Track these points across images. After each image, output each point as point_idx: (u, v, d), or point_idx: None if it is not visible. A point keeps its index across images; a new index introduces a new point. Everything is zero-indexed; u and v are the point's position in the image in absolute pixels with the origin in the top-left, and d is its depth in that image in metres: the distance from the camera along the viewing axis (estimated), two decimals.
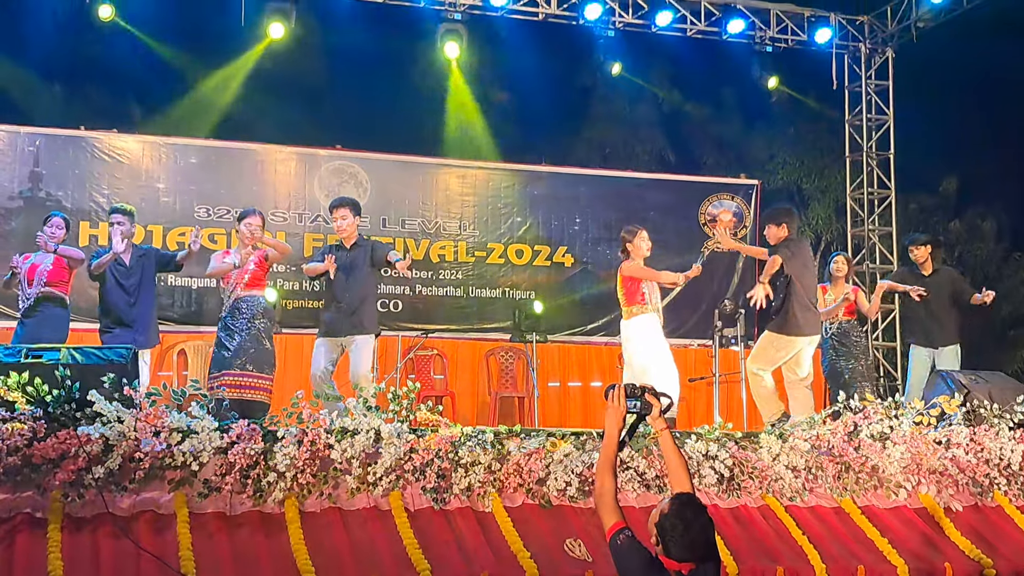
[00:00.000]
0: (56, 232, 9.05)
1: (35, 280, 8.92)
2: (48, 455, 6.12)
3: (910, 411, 8.12)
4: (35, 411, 6.29)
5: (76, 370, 6.64)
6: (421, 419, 6.96)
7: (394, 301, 13.14)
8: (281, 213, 12.98)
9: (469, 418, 11.44)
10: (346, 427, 6.71)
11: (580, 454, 7.06)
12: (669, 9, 13.86)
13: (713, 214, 14.42)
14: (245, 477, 6.43)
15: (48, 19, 14.71)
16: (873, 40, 14.92)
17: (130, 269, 9.08)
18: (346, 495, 6.61)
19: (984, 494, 8.08)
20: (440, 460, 6.78)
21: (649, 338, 9.00)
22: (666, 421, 4.72)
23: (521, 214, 13.95)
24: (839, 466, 7.75)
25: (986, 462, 8.09)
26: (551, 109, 19.67)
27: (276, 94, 17.23)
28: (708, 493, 7.29)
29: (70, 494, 6.09)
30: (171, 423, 6.42)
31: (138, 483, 6.26)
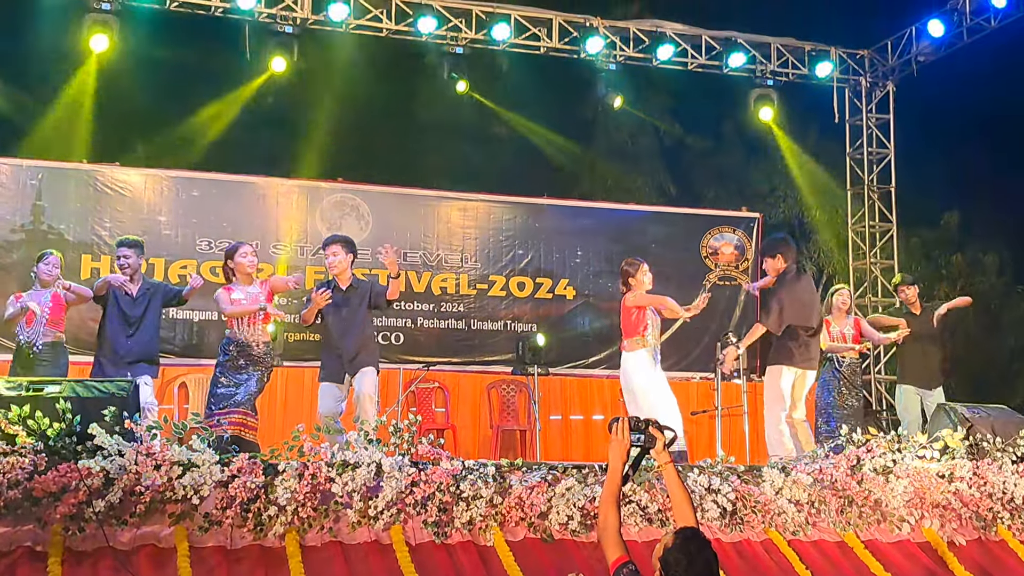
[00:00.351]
0: (52, 270, 9.05)
1: (35, 321, 8.86)
2: (49, 488, 6.10)
3: (913, 445, 8.09)
4: (36, 444, 6.27)
5: (77, 403, 6.63)
6: (422, 452, 6.93)
7: (395, 334, 13.13)
8: (282, 246, 13.00)
9: (471, 451, 11.41)
10: (347, 460, 6.69)
11: (582, 488, 7.03)
12: (670, 43, 13.94)
13: (715, 247, 14.43)
14: (246, 511, 6.40)
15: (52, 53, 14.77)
16: (874, 74, 14.98)
17: (135, 300, 9.05)
18: (347, 529, 6.58)
19: (988, 528, 8.04)
20: (441, 494, 6.75)
21: (646, 373, 8.97)
22: (670, 455, 4.71)
23: (523, 247, 13.96)
24: (842, 500, 7.72)
25: (989, 496, 8.05)
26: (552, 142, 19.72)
27: (278, 127, 17.31)
28: (711, 527, 7.26)
29: (71, 528, 6.07)
30: (172, 456, 6.40)
31: (139, 517, 6.24)
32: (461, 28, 13.26)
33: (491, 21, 13.34)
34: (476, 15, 13.37)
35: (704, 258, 14.39)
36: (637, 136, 20.17)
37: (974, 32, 13.59)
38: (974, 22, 13.46)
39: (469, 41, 13.36)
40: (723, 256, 14.42)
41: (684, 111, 19.62)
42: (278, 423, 10.51)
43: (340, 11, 12.76)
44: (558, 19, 13.67)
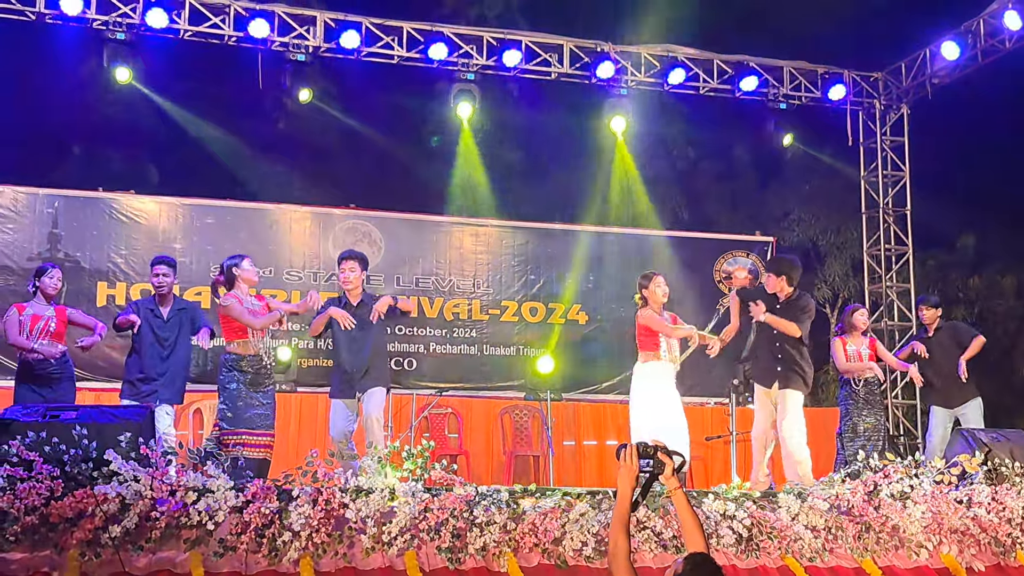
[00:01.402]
0: (57, 283, 9.09)
1: (35, 332, 8.84)
2: (65, 514, 6.12)
3: (931, 470, 8.05)
4: (53, 470, 6.29)
5: (93, 429, 6.65)
6: (435, 478, 6.92)
7: (408, 359, 13.15)
8: (296, 272, 13.06)
9: (484, 477, 11.40)
10: (361, 486, 6.69)
11: (596, 513, 7.01)
12: (681, 67, 13.95)
13: (728, 271, 14.43)
14: (260, 536, 6.40)
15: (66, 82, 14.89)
16: (888, 96, 14.97)
17: (167, 322, 9.07)
18: (361, 555, 6.57)
19: (1007, 553, 7.97)
20: (455, 519, 6.74)
21: (654, 385, 8.92)
22: (680, 480, 4.69)
23: (535, 272, 14.00)
24: (859, 526, 7.67)
25: (1008, 521, 7.98)
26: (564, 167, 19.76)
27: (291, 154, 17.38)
28: (726, 554, 7.22)
29: (87, 553, 6.08)
30: (187, 482, 6.41)
31: (154, 542, 6.24)
32: (472, 54, 13.31)
33: (502, 47, 13.39)
34: (487, 41, 13.42)
35: (718, 282, 14.40)
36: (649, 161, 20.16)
37: (989, 54, 13.55)
38: (989, 44, 13.42)
39: (480, 67, 13.41)
40: (737, 280, 14.41)
41: (696, 135, 19.62)
42: (291, 448, 10.54)
43: (352, 39, 12.84)
44: (569, 44, 13.70)
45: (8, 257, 12.19)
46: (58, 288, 9.16)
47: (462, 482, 6.96)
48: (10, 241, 12.24)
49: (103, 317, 11.77)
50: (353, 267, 8.85)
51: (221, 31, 12.60)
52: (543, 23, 14.48)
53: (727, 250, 14.68)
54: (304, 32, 12.81)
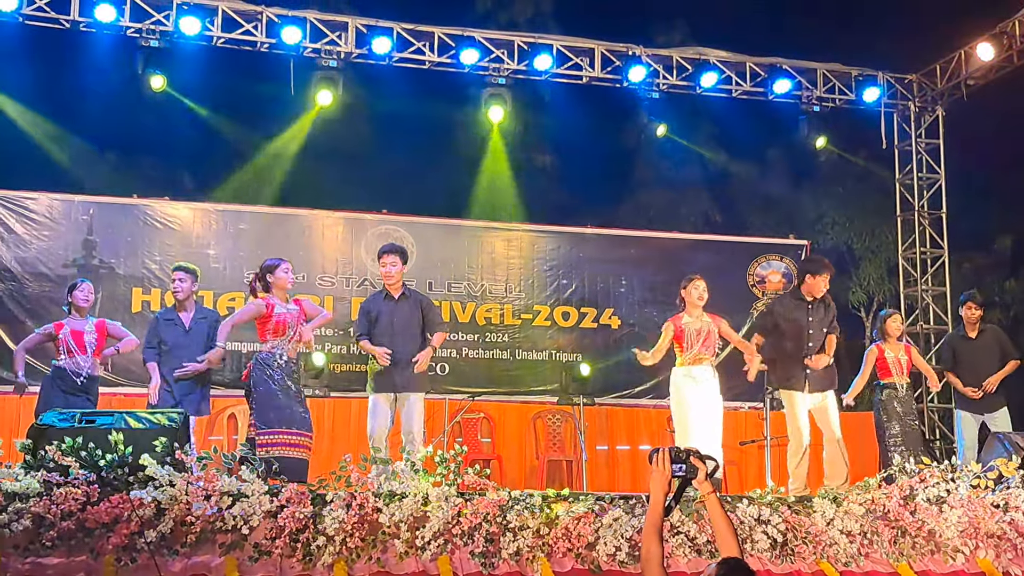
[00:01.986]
0: (89, 296, 9.15)
1: (85, 348, 8.93)
2: (101, 519, 6.17)
3: (967, 474, 7.98)
4: (88, 475, 6.34)
5: (129, 434, 6.70)
6: (468, 483, 6.93)
7: (440, 364, 13.15)
8: (328, 278, 13.10)
9: (517, 482, 11.38)
10: (394, 491, 6.71)
11: (630, 518, 7.00)
12: (714, 70, 13.88)
13: (762, 275, 14.36)
14: (295, 541, 6.43)
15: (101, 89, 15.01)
16: (922, 98, 14.86)
17: (189, 331, 9.13)
18: (395, 559, 6.59)
19: None
20: (488, 524, 6.74)
21: (683, 392, 9.01)
22: (713, 484, 4.67)
23: (567, 276, 13.97)
24: (895, 531, 7.62)
25: None
26: (596, 171, 19.75)
27: (323, 160, 17.44)
28: (761, 559, 7.19)
29: (123, 558, 6.13)
30: (222, 487, 6.45)
31: (190, 547, 6.29)
32: (503, 59, 13.32)
33: (533, 51, 13.39)
34: (518, 45, 13.41)
35: (751, 286, 14.33)
36: (681, 164, 20.11)
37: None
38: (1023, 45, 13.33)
39: (511, 72, 13.41)
40: (771, 284, 14.36)
41: (728, 138, 19.55)
42: (325, 453, 10.56)
43: (383, 45, 12.87)
44: (600, 48, 13.67)
45: (44, 264, 12.27)
46: (90, 301, 9.21)
47: (495, 487, 6.96)
48: (46, 248, 12.32)
49: (138, 323, 11.91)
50: (395, 261, 8.95)
51: (254, 38, 12.66)
52: (574, 27, 14.48)
53: (760, 254, 14.60)
54: (336, 38, 12.85)
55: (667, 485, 4.56)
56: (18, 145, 15.70)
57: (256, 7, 12.62)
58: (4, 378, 11.78)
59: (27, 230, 12.29)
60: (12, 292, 12.10)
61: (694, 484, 4.64)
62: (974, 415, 10.44)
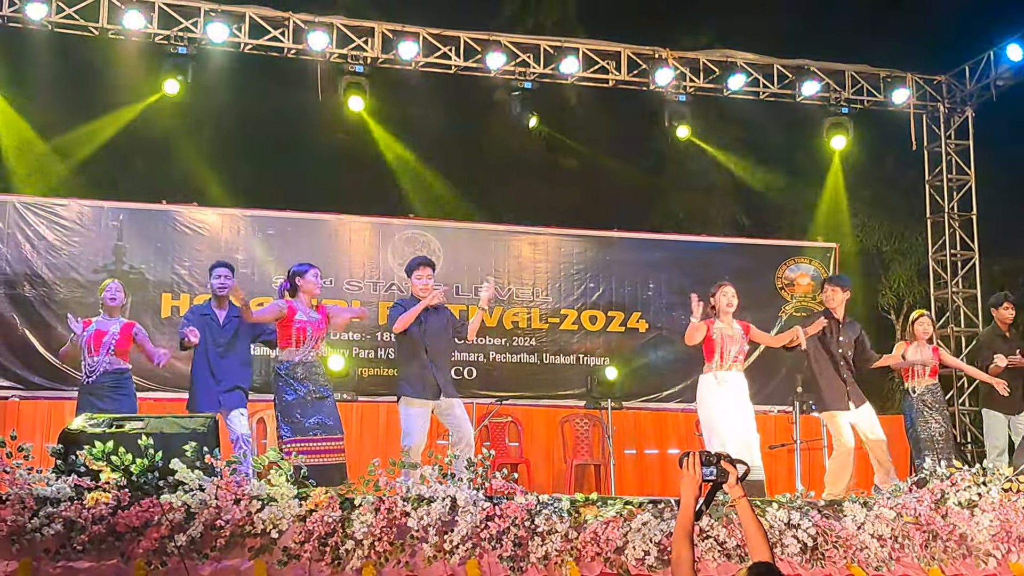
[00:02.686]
0: (116, 295, 9.07)
1: (101, 348, 8.86)
2: (132, 523, 6.21)
3: (998, 478, 7.92)
4: (119, 480, 6.38)
5: (159, 439, 6.73)
6: (496, 487, 6.93)
7: (468, 368, 13.17)
8: (356, 282, 13.13)
9: (545, 486, 11.37)
10: (422, 495, 6.71)
11: (658, 522, 6.98)
12: (741, 73, 13.84)
13: (790, 278, 14.31)
14: (323, 545, 6.45)
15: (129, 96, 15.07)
16: (952, 99, 14.77)
17: (223, 327, 9.16)
18: (423, 563, 6.60)
19: None
20: (516, 528, 6.74)
21: (711, 396, 8.97)
22: (744, 489, 4.65)
23: (594, 280, 13.95)
24: (926, 535, 7.57)
25: None
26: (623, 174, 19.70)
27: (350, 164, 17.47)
28: (791, 563, 7.16)
29: (153, 562, 6.16)
30: (251, 491, 6.47)
31: (219, 551, 6.32)
32: (529, 63, 13.32)
33: (559, 55, 13.37)
34: (544, 49, 13.41)
35: (780, 289, 14.27)
36: (709, 167, 20.04)
37: None
38: None
39: (537, 76, 13.40)
40: (799, 287, 14.30)
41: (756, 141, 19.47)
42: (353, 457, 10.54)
43: (410, 50, 12.89)
44: (626, 51, 13.65)
45: (74, 269, 12.34)
46: (117, 300, 9.07)
47: (523, 491, 6.95)
48: (76, 254, 12.39)
49: (168, 328, 11.98)
50: (430, 274, 8.92)
51: (281, 44, 12.71)
52: (600, 30, 14.45)
53: (789, 257, 14.55)
54: (362, 43, 12.88)
55: (698, 489, 4.55)
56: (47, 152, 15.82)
57: (283, 13, 12.68)
58: (35, 382, 11.88)
59: (57, 236, 12.37)
60: (43, 298, 12.18)
61: (725, 488, 4.62)
62: (1005, 416, 10.35)
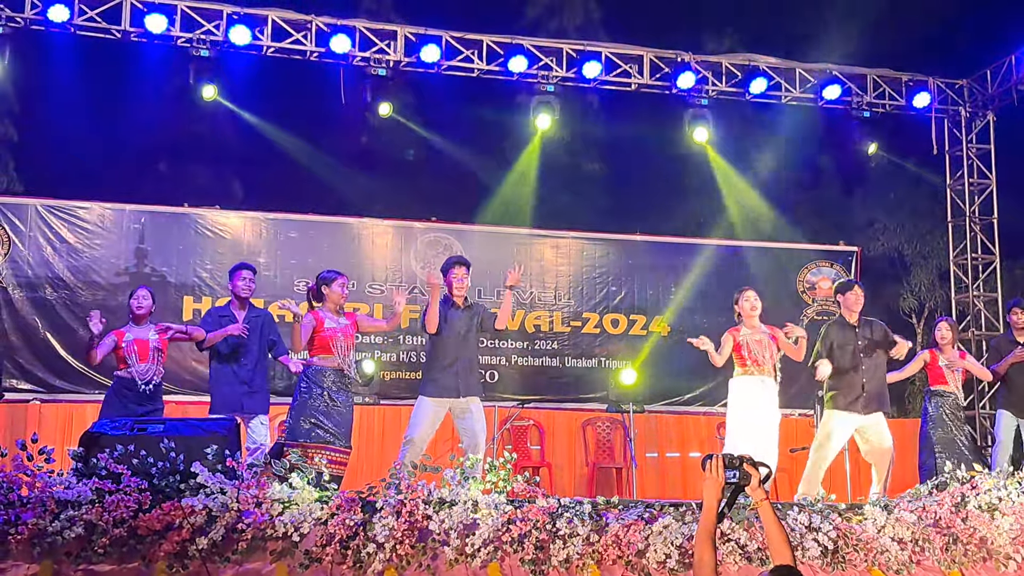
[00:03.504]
0: (143, 302, 9.03)
1: (149, 356, 8.83)
2: (153, 526, 6.22)
3: (1019, 481, 7.89)
4: (140, 483, 6.39)
5: (180, 442, 6.74)
6: (518, 490, 6.92)
7: (490, 371, 13.18)
8: (378, 285, 13.16)
9: (566, 489, 11.38)
10: (444, 498, 6.72)
11: (680, 525, 6.97)
12: (764, 76, 13.82)
13: (812, 281, 14.28)
14: (345, 548, 6.45)
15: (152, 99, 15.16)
16: (973, 103, 14.71)
17: None
18: (445, 566, 6.60)
19: None
20: (538, 531, 6.73)
21: (740, 400, 9.06)
22: (766, 492, 4.64)
23: (616, 283, 13.96)
24: (947, 538, 7.54)
25: None
26: (645, 178, 19.69)
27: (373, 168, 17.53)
28: (812, 566, 7.14)
29: (175, 565, 6.18)
30: (272, 494, 6.48)
31: (241, 554, 6.32)
32: (552, 67, 13.32)
33: (582, 59, 13.38)
34: (567, 53, 13.42)
35: (801, 293, 14.25)
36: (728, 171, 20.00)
37: None
38: None
39: (560, 79, 13.40)
40: (821, 291, 14.27)
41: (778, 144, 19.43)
42: (375, 460, 10.61)
43: (432, 53, 12.90)
44: (649, 55, 13.64)
45: (96, 272, 12.41)
46: (144, 308, 9.00)
47: (545, 494, 6.95)
48: (98, 257, 12.46)
49: None
50: (466, 273, 8.97)
51: (303, 47, 12.73)
52: (623, 34, 14.46)
53: (811, 260, 14.53)
54: (385, 47, 12.90)
55: (720, 492, 4.54)
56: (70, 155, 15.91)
57: (305, 16, 12.71)
58: (56, 386, 11.94)
59: (79, 239, 12.45)
60: (65, 301, 12.25)
61: (747, 491, 4.61)
62: (1017, 418, 10.32)
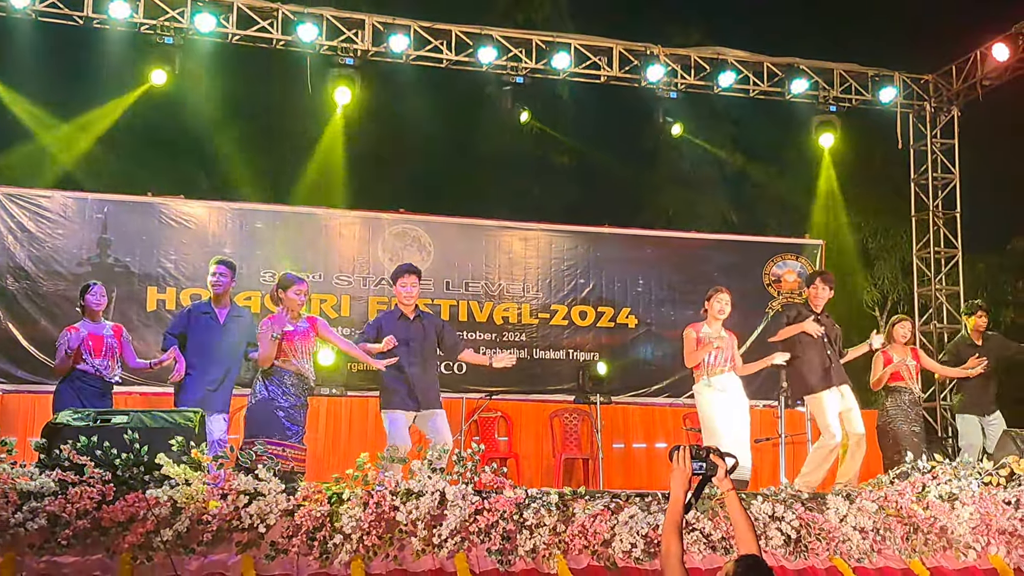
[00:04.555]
0: (101, 299, 8.98)
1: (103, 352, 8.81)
2: (117, 518, 6.17)
3: (979, 472, 8.00)
4: (104, 474, 6.35)
5: (144, 433, 6.70)
6: (485, 481, 6.93)
7: (458, 363, 13.16)
8: (345, 277, 13.10)
9: (533, 480, 11.39)
10: (411, 489, 6.71)
11: (645, 515, 7.00)
12: (732, 70, 13.86)
13: (777, 274, 14.35)
14: (311, 539, 6.43)
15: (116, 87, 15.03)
16: (938, 99, 14.82)
17: (223, 326, 9.01)
18: (412, 557, 6.60)
19: None
20: (505, 522, 6.75)
21: (707, 400, 9.15)
22: (732, 482, 4.68)
23: (584, 276, 13.97)
24: (907, 527, 7.63)
25: None
26: (614, 171, 19.74)
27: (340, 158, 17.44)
28: (775, 555, 7.20)
29: (139, 557, 6.14)
30: (238, 485, 6.45)
31: (206, 545, 6.29)
32: (521, 58, 13.31)
33: (551, 50, 13.36)
34: (536, 44, 13.39)
35: (767, 286, 14.31)
36: (699, 164, 20.10)
37: None
38: None
39: (529, 71, 13.38)
40: (786, 283, 14.34)
41: (746, 138, 19.55)
42: (342, 452, 10.58)
43: (400, 43, 12.84)
44: (618, 47, 13.65)
45: (58, 262, 12.23)
46: (103, 304, 9.01)
47: (512, 485, 6.97)
48: (60, 247, 12.26)
49: (153, 322, 11.99)
50: (415, 282, 8.88)
51: (269, 35, 12.64)
52: (592, 26, 14.44)
53: (776, 253, 14.59)
54: (352, 36, 12.83)
55: (687, 482, 4.57)
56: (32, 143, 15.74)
57: (271, 4, 12.59)
58: (19, 376, 11.81)
59: (41, 228, 12.27)
60: (27, 291, 12.08)
61: (714, 481, 4.65)
62: (979, 418, 10.49)
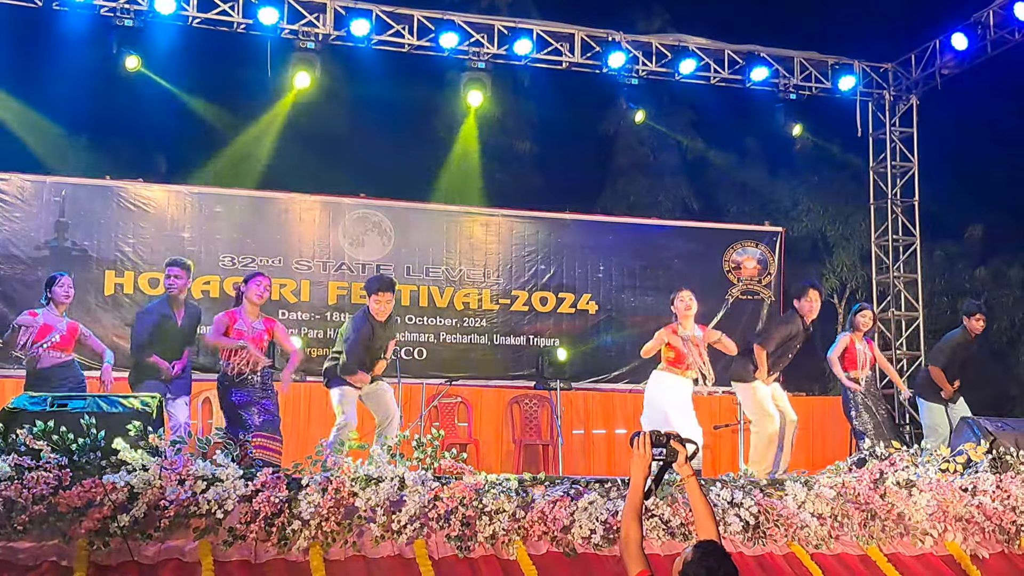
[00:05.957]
0: (68, 291, 8.98)
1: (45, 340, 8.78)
2: (73, 503, 6.14)
3: (936, 459, 8.08)
4: (60, 459, 6.31)
5: (101, 418, 6.67)
6: (445, 467, 6.94)
7: (418, 349, 13.16)
8: (305, 261, 13.05)
9: (493, 466, 11.40)
10: (370, 475, 6.71)
11: (605, 502, 7.04)
12: (693, 57, 13.86)
13: (738, 261, 14.42)
14: (270, 525, 6.43)
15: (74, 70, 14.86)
16: (897, 87, 14.90)
17: (181, 327, 9.03)
18: (370, 543, 6.60)
19: (1011, 541, 8.01)
20: (464, 508, 6.76)
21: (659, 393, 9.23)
22: (692, 468, 4.70)
23: (545, 262, 13.98)
24: (865, 514, 7.70)
25: (1013, 509, 8.03)
26: (575, 157, 19.74)
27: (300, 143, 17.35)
28: (733, 541, 7.25)
29: (96, 542, 6.11)
30: (196, 471, 6.43)
31: (163, 531, 6.28)
32: (483, 43, 13.26)
33: (513, 36, 13.33)
34: (498, 30, 13.34)
35: (727, 272, 14.38)
36: (659, 151, 20.13)
37: (998, 45, 13.49)
38: (998, 35, 13.37)
39: (491, 56, 13.35)
40: (746, 270, 14.42)
41: (706, 126, 19.59)
42: (301, 437, 10.55)
43: (362, 27, 12.75)
44: (580, 34, 13.63)
45: (15, 246, 12.09)
46: (70, 297, 9.03)
47: (472, 471, 6.99)
48: (17, 230, 12.12)
49: (111, 306, 11.90)
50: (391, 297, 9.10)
51: (230, 18, 12.49)
52: (554, 12, 14.40)
53: (736, 240, 14.66)
54: (314, 19, 12.71)
55: (647, 469, 4.58)
56: None
57: None
58: None
59: None
60: None
61: (674, 467, 4.66)
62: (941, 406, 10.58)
